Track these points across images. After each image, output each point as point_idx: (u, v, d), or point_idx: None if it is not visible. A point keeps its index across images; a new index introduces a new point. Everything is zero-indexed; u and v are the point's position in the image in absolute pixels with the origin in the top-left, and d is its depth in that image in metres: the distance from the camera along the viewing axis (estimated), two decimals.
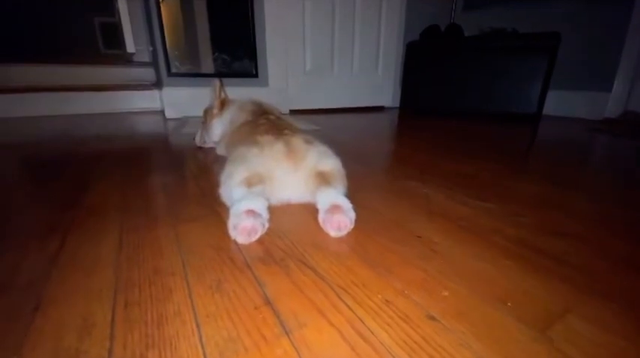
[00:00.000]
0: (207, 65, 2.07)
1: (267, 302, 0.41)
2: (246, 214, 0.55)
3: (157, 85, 2.29)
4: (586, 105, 2.07)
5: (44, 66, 2.29)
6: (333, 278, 0.46)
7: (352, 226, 0.58)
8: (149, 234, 0.57)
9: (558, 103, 2.11)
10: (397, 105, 2.60)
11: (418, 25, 2.45)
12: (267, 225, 0.57)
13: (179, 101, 2.03)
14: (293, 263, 0.49)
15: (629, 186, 0.91)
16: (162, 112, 2.22)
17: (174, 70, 1.99)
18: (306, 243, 0.55)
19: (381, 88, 2.64)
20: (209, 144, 1.20)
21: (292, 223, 0.63)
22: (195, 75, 2.04)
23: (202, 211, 0.67)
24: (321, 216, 0.60)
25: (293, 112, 2.32)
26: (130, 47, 2.03)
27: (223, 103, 1.12)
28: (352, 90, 2.53)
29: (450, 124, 1.94)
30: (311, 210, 0.67)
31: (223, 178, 0.68)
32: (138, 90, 2.33)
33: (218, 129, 1.10)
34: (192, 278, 0.45)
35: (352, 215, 0.59)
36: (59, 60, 2.35)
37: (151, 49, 2.05)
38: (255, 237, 0.55)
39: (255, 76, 2.20)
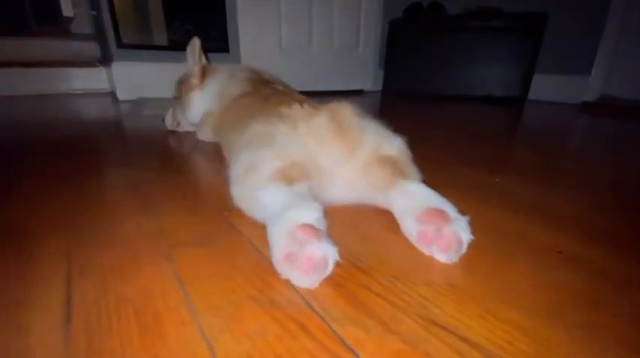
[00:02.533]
0: (166, 35, 1.71)
1: None
2: (305, 233, 0.31)
3: (104, 61, 1.88)
4: (564, 89, 2.03)
5: None
6: None
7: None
8: (126, 280, 0.32)
9: (536, 87, 2.05)
10: (378, 89, 2.42)
11: (400, 3, 2.26)
12: (336, 251, 0.34)
13: (134, 78, 1.67)
14: (418, 326, 0.27)
15: None
16: (111, 94, 1.83)
17: (126, 41, 1.62)
18: (410, 278, 0.33)
19: (362, 70, 2.43)
20: (186, 127, 0.92)
21: (360, 241, 0.40)
22: (153, 47, 1.69)
23: (209, 227, 0.42)
24: (412, 228, 0.38)
25: None
26: (67, 10, 1.62)
27: (205, 71, 0.85)
28: (332, 72, 2.29)
29: (440, 108, 1.78)
30: (367, 213, 0.45)
31: (239, 171, 0.43)
32: (79, 67, 1.91)
33: (199, 106, 0.82)
34: None
35: (466, 226, 0.37)
36: None
37: (93, 13, 1.65)
38: (324, 274, 0.32)
39: (226, 51, 1.89)
